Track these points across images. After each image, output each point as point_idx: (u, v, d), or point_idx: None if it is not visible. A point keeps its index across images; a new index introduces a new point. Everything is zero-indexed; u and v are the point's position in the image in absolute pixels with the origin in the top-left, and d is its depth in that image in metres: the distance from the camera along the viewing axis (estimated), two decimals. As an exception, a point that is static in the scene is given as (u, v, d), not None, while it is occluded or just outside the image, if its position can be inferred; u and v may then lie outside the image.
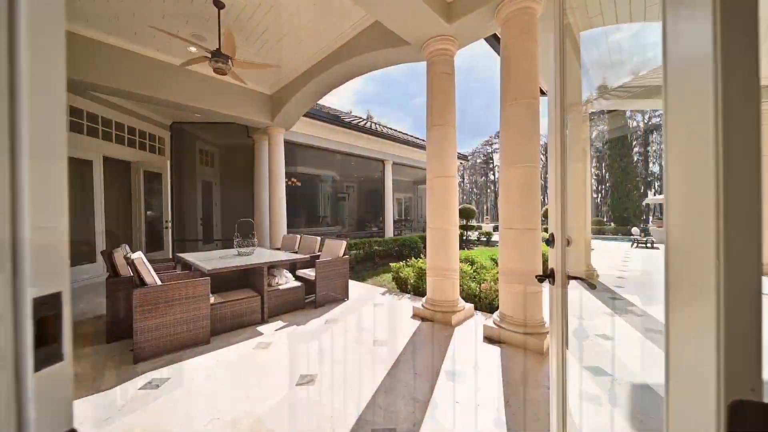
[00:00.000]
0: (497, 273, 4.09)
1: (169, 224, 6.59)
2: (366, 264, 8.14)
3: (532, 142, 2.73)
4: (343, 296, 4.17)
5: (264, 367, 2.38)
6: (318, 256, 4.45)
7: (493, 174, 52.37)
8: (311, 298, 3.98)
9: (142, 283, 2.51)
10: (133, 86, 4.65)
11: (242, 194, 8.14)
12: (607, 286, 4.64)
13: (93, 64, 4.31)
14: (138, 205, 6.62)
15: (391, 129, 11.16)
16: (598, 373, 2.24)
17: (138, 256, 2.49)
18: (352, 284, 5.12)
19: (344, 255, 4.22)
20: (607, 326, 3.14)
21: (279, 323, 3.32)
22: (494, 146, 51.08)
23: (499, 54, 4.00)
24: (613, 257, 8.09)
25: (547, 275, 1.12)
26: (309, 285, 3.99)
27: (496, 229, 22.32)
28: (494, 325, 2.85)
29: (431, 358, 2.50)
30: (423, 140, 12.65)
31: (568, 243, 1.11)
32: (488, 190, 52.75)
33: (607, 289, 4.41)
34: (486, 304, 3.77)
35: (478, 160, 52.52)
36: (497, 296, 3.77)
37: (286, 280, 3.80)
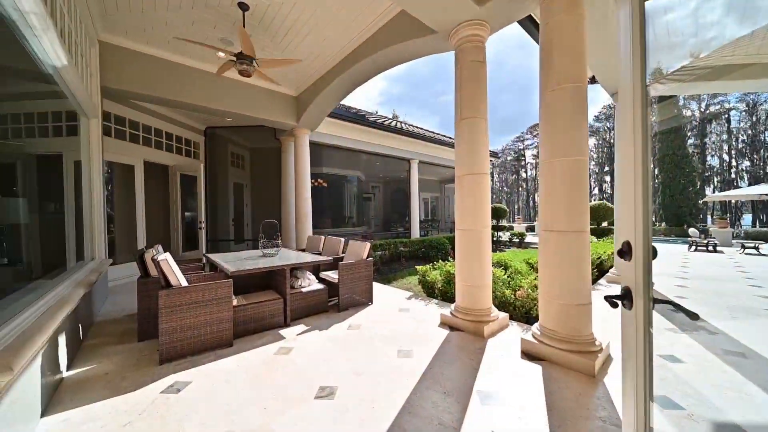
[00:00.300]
0: (535, 279, 3.72)
1: (203, 224, 6.87)
2: (391, 265, 7.96)
3: (579, 131, 2.39)
4: (367, 300, 4.02)
5: (284, 375, 2.28)
6: (342, 258, 4.34)
7: (525, 171, 49.95)
8: (334, 301, 3.87)
9: (168, 284, 2.52)
10: (168, 93, 4.85)
11: (271, 195, 8.32)
12: (665, 295, 4.07)
13: (133, 74, 4.54)
14: (175, 207, 6.97)
15: (417, 127, 10.87)
16: (666, 405, 1.87)
17: (164, 257, 2.51)
18: (377, 287, 4.96)
19: (368, 257, 4.07)
20: (673, 345, 2.68)
21: (302, 327, 3.24)
22: (526, 142, 48.71)
23: (535, 39, 3.64)
24: (668, 262, 7.20)
25: (621, 297, 0.86)
26: (332, 288, 3.89)
27: (529, 229, 21.13)
28: (533, 339, 2.54)
29: (462, 375, 2.26)
30: (450, 138, 12.23)
31: (627, 253, 0.84)
32: (519, 189, 50.39)
33: (666, 300, 3.85)
34: (522, 313, 3.43)
35: (509, 158, 50.35)
36: (535, 305, 3.42)
37: (309, 283, 3.72)
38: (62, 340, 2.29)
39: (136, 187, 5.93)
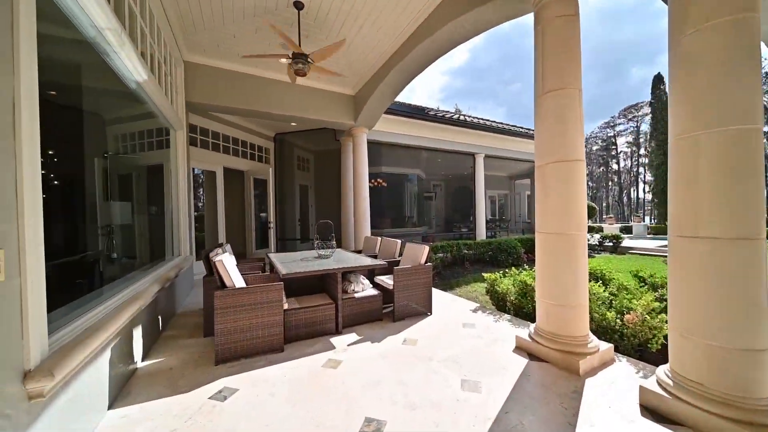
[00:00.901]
0: (653, 300, 2.79)
1: (272, 225, 7.35)
2: (454, 269, 7.34)
3: (747, 85, 1.57)
4: (425, 309, 3.60)
5: (328, 395, 2.04)
6: (398, 262, 4.01)
7: (617, 162, 42.47)
8: (389, 309, 3.56)
9: (223, 284, 2.53)
10: (239, 103, 5.21)
11: (332, 196, 8.51)
12: None
13: (208, 88, 4.99)
14: (250, 209, 7.62)
15: (481, 119, 9.89)
16: None
17: (220, 258, 2.53)
18: (437, 294, 4.49)
19: (426, 261, 3.65)
20: None
21: (353, 336, 3.00)
22: (618, 128, 41.40)
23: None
24: None
25: None
26: (387, 294, 3.58)
27: (624, 231, 17.63)
28: (662, 391, 1.79)
29: (551, 431, 1.68)
30: (521, 128, 10.85)
31: None
32: (609, 183, 43.02)
33: None
34: (633, 345, 2.58)
35: (595, 147, 43.48)
36: (653, 336, 2.53)
37: (363, 288, 3.48)
38: (138, 332, 2.47)
39: (217, 191, 6.62)
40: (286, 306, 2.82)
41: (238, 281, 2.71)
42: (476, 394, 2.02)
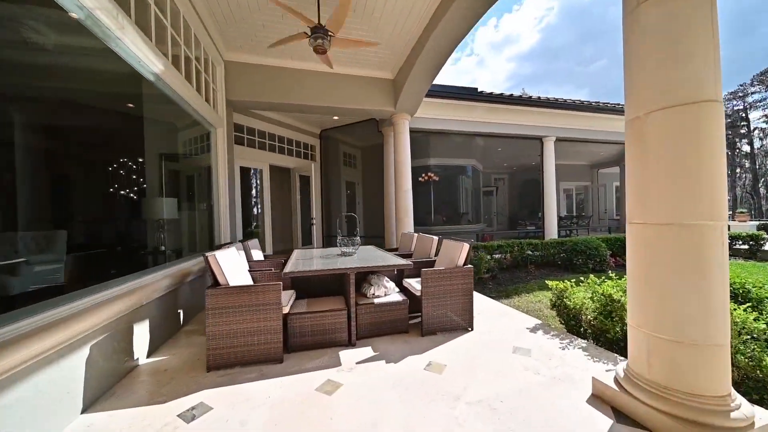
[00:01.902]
0: None
1: (314, 221, 7.30)
2: (515, 273, 6.22)
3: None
4: (464, 323, 2.86)
5: (309, 433, 1.55)
6: (433, 263, 3.34)
7: (750, 143, 32.89)
8: (419, 318, 2.92)
9: (216, 282, 2.27)
10: (276, 97, 5.15)
11: (380, 192, 8.12)
12: None
13: (248, 85, 5.02)
14: (295, 205, 7.73)
15: (549, 99, 8.18)
16: None
17: (212, 253, 2.27)
18: (485, 302, 3.67)
19: (466, 263, 2.90)
20: None
21: (367, 351, 2.47)
22: (751, 98, 32.09)
23: None
24: None
25: None
26: (415, 301, 2.96)
27: (762, 228, 13.22)
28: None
29: None
30: (607, 104, 8.79)
31: None
32: (739, 170, 33.54)
33: None
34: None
35: (714, 126, 34.42)
36: None
37: (386, 292, 2.92)
38: (141, 327, 2.37)
39: (264, 188, 6.82)
40: (286, 309, 2.44)
41: (236, 279, 2.43)
42: (517, 473, 1.29)
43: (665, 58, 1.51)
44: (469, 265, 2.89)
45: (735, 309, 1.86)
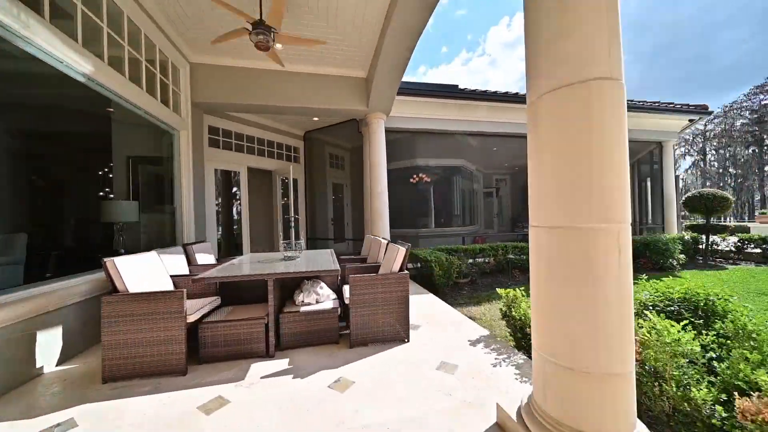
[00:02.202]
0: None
1: (293, 224, 7.20)
2: (497, 277, 5.90)
3: None
4: (400, 334, 2.64)
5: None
6: (377, 267, 3.13)
7: (780, 138, 30.86)
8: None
9: (114, 289, 2.15)
10: (241, 99, 5.07)
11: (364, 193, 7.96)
12: None
13: (214, 87, 4.96)
14: (276, 208, 7.65)
15: None
16: None
17: (110, 258, 2.16)
18: (443, 310, 3.42)
19: (402, 268, 2.68)
20: None
21: (282, 364, 2.29)
22: (781, 91, 30.23)
23: None
24: None
25: None
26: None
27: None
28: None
29: None
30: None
31: None
32: (761, 171, 31.48)
33: None
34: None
35: (739, 122, 32.64)
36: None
37: (317, 299, 2.74)
38: (49, 334, 2.28)
39: (240, 191, 6.77)
40: (194, 317, 2.29)
41: (147, 286, 2.31)
42: None
43: (557, 28, 1.27)
44: (405, 271, 2.67)
45: (673, 326, 1.57)
